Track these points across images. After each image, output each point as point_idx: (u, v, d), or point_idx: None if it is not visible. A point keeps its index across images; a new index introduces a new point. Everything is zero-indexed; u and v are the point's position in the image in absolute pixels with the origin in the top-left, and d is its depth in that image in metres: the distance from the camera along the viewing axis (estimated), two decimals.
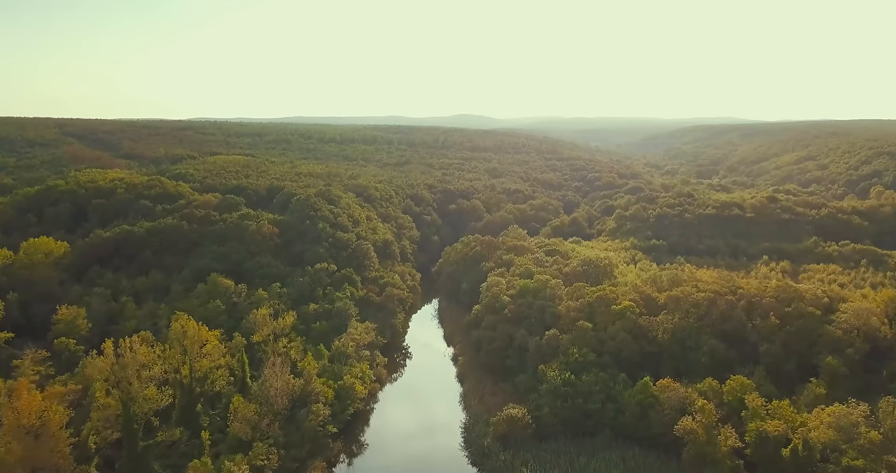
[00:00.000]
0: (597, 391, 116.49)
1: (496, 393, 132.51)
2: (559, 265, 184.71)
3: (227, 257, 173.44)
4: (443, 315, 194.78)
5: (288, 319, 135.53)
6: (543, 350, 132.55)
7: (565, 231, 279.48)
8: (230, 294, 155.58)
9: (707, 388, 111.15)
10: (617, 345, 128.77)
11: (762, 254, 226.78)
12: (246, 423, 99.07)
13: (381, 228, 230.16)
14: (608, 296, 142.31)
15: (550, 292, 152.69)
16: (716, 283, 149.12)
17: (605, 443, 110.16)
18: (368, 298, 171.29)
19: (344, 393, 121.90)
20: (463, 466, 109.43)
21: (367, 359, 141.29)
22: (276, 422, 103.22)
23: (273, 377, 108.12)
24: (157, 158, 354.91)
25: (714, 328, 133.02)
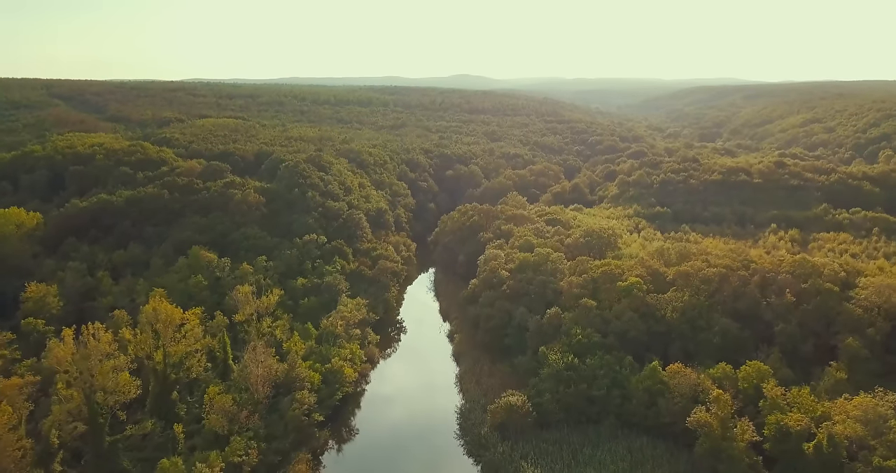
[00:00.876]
0: (601, 375, 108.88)
1: (494, 375, 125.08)
2: (561, 236, 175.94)
3: (210, 228, 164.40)
4: (439, 288, 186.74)
5: (272, 297, 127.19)
6: (544, 329, 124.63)
7: (566, 197, 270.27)
8: (213, 268, 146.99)
9: (721, 374, 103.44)
10: (623, 325, 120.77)
11: (770, 222, 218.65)
12: (223, 415, 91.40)
13: (374, 196, 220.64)
14: (613, 272, 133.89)
15: (552, 266, 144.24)
16: (727, 257, 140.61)
17: (610, 432, 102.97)
18: (360, 272, 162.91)
19: (332, 377, 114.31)
20: (458, 457, 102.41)
21: (357, 339, 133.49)
22: (256, 413, 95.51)
23: (253, 363, 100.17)
24: (143, 121, 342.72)
25: (726, 306, 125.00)
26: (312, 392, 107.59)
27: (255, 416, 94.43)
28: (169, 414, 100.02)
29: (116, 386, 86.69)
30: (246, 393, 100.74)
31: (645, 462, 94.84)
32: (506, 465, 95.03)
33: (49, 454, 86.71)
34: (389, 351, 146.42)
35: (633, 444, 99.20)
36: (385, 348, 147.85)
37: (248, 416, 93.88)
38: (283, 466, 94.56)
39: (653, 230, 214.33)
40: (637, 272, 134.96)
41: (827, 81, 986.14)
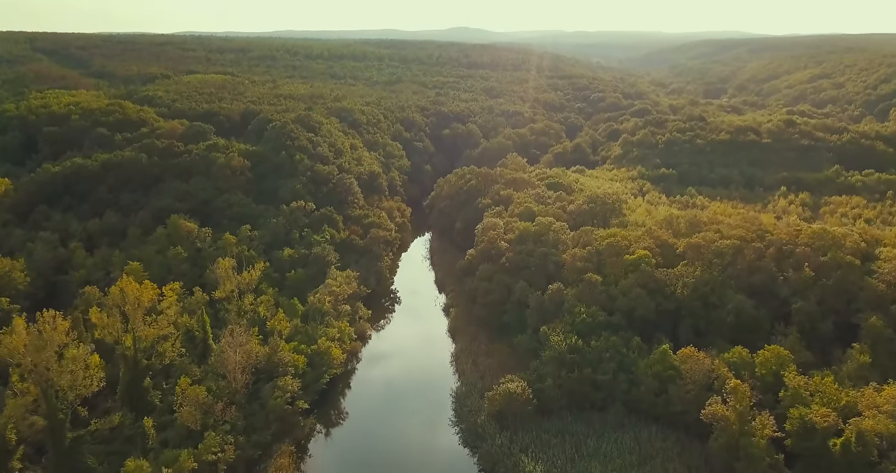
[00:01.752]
0: (607, 359, 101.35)
1: (491, 354, 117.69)
2: (563, 202, 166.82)
3: (191, 195, 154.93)
4: (434, 256, 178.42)
5: (254, 273, 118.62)
6: (546, 306, 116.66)
7: (568, 158, 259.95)
8: (193, 239, 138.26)
9: (737, 358, 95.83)
10: (630, 302, 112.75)
11: (779, 185, 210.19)
12: (196, 408, 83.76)
13: (366, 158, 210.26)
14: (619, 244, 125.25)
15: (553, 237, 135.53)
16: (741, 228, 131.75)
17: (616, 420, 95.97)
18: (351, 241, 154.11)
19: (318, 359, 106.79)
20: (453, 446, 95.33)
21: (347, 316, 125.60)
22: (233, 405, 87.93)
23: (231, 348, 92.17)
24: (128, 77, 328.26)
25: (740, 281, 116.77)
26: (297, 377, 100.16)
27: (232, 408, 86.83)
28: (141, 403, 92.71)
29: (75, 380, 78.63)
30: (223, 380, 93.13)
31: (654, 455, 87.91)
32: (504, 459, 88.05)
33: (7, 451, 79.43)
34: (382, 325, 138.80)
35: (641, 434, 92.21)
36: (377, 321, 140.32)
37: (224, 408, 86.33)
38: (264, 460, 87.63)
39: (658, 193, 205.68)
40: (645, 244, 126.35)
41: (835, 34, 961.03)
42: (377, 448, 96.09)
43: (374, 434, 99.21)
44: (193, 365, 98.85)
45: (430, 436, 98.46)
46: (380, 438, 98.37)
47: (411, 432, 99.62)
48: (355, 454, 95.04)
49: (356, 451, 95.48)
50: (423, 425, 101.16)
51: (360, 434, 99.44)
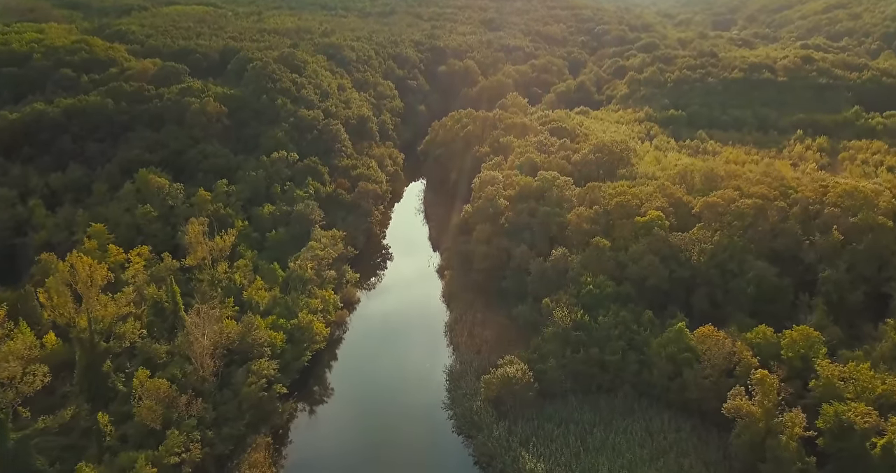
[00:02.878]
0: (616, 336, 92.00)
1: (488, 324, 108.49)
2: (567, 151, 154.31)
3: (162, 145, 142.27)
4: (429, 209, 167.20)
5: (228, 239, 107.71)
6: (548, 274, 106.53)
7: (571, 98, 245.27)
8: (164, 195, 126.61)
9: (760, 339, 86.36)
10: (641, 271, 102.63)
11: (795, 128, 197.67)
12: (158, 403, 74.51)
13: (355, 100, 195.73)
14: (629, 204, 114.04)
15: (557, 194, 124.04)
16: (762, 184, 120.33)
17: (625, 405, 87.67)
18: (337, 196, 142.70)
19: (299, 334, 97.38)
20: (446, 434, 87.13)
21: (332, 282, 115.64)
22: (199, 398, 78.69)
23: (197, 329, 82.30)
24: (103, 9, 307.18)
25: (761, 246, 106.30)
26: (275, 357, 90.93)
27: (199, 401, 77.60)
28: (101, 390, 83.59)
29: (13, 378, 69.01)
30: (191, 364, 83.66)
31: (668, 449, 79.73)
32: (502, 453, 79.73)
33: None
34: (371, 290, 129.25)
35: (653, 424, 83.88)
36: (366, 285, 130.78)
37: (189, 401, 77.10)
38: (237, 455, 79.17)
39: (666, 137, 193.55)
40: (657, 203, 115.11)
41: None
42: (363, 436, 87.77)
43: (361, 419, 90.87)
44: (159, 346, 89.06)
45: (421, 422, 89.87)
46: (366, 423, 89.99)
47: (400, 416, 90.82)
48: (339, 442, 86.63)
49: (340, 438, 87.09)
50: (413, 408, 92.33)
51: (345, 419, 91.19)
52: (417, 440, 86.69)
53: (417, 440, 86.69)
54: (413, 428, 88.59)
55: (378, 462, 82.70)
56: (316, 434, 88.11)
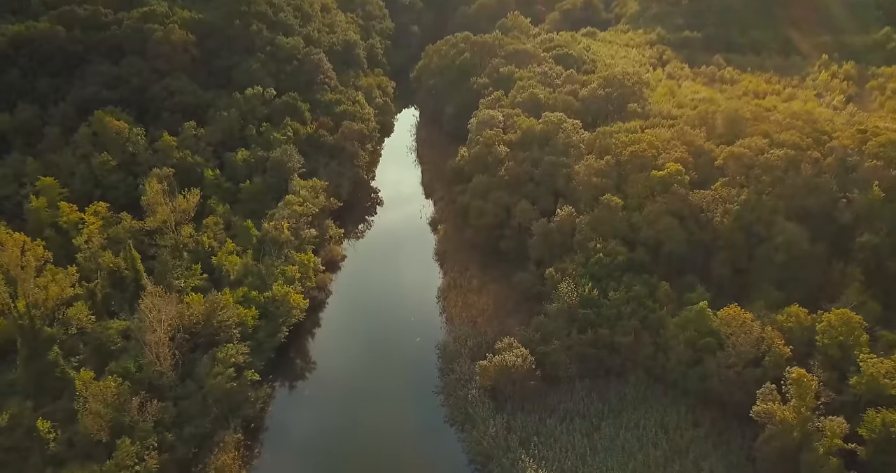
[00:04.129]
0: (628, 314, 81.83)
1: (484, 291, 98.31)
2: (574, 84, 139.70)
3: (123, 80, 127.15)
4: (421, 148, 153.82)
5: (192, 199, 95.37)
6: (553, 237, 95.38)
7: (576, 16, 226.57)
8: (124, 141, 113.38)
9: (793, 323, 76.17)
10: (657, 235, 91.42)
11: (820, 52, 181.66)
12: (106, 410, 64.90)
13: (341, 22, 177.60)
14: (645, 154, 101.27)
15: (564, 139, 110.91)
16: (793, 129, 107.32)
17: (637, 393, 78.68)
18: (319, 138, 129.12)
19: (274, 308, 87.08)
20: (437, 424, 78.18)
21: (312, 241, 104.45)
22: (155, 400, 69.03)
23: (151, 315, 71.76)
24: None
25: (792, 204, 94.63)
26: (245, 339, 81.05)
27: (155, 403, 68.01)
28: (47, 382, 74.04)
29: None
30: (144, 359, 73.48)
31: (684, 449, 71.00)
32: (500, 455, 71.00)
33: None
34: (357, 244, 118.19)
35: (668, 417, 74.93)
36: (352, 236, 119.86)
37: (143, 404, 67.51)
38: (201, 459, 70.35)
39: (680, 63, 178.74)
40: (676, 154, 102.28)
41: None
42: (346, 425, 78.85)
43: (343, 404, 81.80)
44: (113, 327, 78.76)
45: (411, 410, 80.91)
46: (349, 409, 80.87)
47: (387, 402, 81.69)
48: (319, 430, 77.93)
49: (320, 427, 78.31)
50: (402, 394, 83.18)
51: (327, 403, 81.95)
52: (406, 432, 77.84)
53: (406, 432, 77.84)
54: (402, 418, 79.55)
55: (363, 455, 74.28)
56: (294, 424, 79.14)
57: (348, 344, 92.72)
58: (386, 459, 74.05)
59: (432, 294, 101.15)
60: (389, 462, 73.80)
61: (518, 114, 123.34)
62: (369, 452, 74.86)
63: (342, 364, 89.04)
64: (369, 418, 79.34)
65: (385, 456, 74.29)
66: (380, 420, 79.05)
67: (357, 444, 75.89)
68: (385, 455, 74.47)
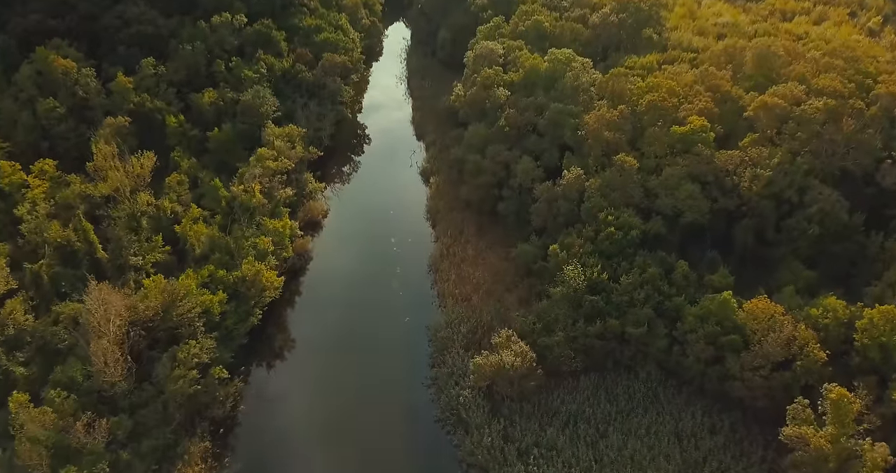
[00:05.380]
0: (641, 300, 72.71)
1: (480, 262, 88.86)
2: (583, 8, 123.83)
3: (70, 6, 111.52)
4: (413, 80, 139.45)
5: (146, 163, 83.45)
6: (558, 205, 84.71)
7: None
8: (73, 82, 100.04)
9: (830, 319, 67.11)
10: (675, 203, 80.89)
11: None
12: (47, 434, 56.73)
13: None
14: (665, 106, 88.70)
15: (572, 81, 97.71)
16: (832, 69, 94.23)
17: (648, 391, 70.93)
18: (297, 74, 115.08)
19: (245, 288, 77.69)
20: (428, 425, 70.75)
21: (288, 203, 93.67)
22: (105, 417, 60.80)
23: (97, 317, 62.44)
24: None
25: (829, 165, 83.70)
26: (212, 328, 72.26)
27: (104, 423, 59.80)
28: None
29: None
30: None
31: (701, 461, 63.89)
32: (496, 469, 63.91)
33: None
34: (340, 196, 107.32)
35: (683, 422, 67.35)
36: (334, 185, 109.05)
37: (91, 423, 59.32)
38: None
39: None
40: (700, 104, 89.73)
41: None
42: (326, 423, 71.44)
43: (322, 399, 74.04)
44: (61, 321, 69.56)
45: (397, 405, 72.98)
46: (329, 406, 73.19)
47: (372, 394, 73.81)
48: (295, 432, 70.47)
49: (297, 428, 70.81)
50: (388, 383, 75.06)
51: (303, 400, 74.07)
52: (394, 433, 70.07)
53: (394, 433, 70.07)
54: (389, 415, 71.67)
55: (346, 461, 67.36)
56: (269, 424, 71.35)
57: (330, 320, 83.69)
58: (372, 467, 67.09)
59: (423, 261, 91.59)
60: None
61: (520, 47, 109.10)
62: (352, 458, 67.78)
63: (324, 343, 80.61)
64: (352, 415, 71.74)
65: (371, 464, 67.27)
66: (365, 417, 71.38)
67: (339, 447, 68.76)
68: (371, 461, 67.41)
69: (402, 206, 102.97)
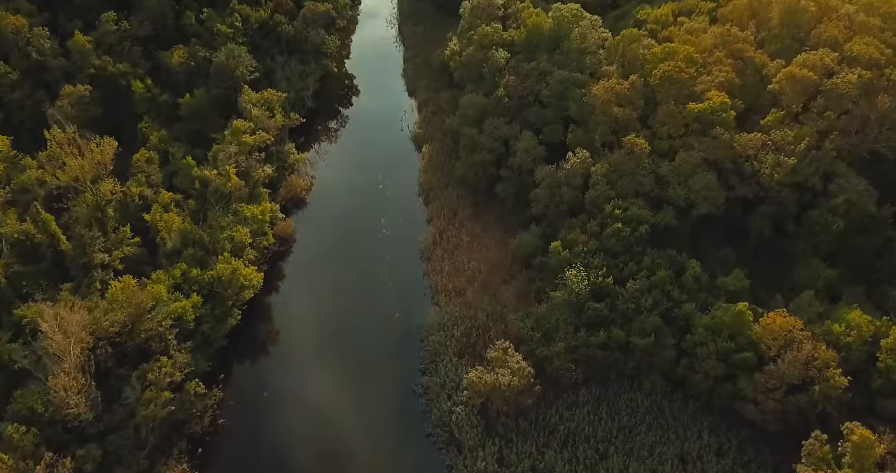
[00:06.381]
0: (648, 307, 67.35)
1: (476, 248, 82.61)
2: None
3: None
4: (404, 26, 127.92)
5: (107, 148, 75.37)
6: (561, 192, 77.66)
7: None
8: (24, 43, 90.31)
9: (853, 338, 61.79)
10: (689, 194, 74.10)
11: None
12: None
13: None
14: (681, 77, 79.89)
15: (579, 43, 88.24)
16: (868, 31, 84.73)
17: (652, 404, 66.49)
18: (276, 26, 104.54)
19: (221, 288, 72.04)
20: (418, 439, 66.86)
21: (266, 182, 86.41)
22: (68, 453, 56.44)
23: (55, 343, 57.06)
24: None
25: (858, 147, 76.47)
26: (187, 336, 67.16)
27: (68, 460, 55.53)
28: None
29: None
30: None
31: None
32: None
33: None
34: (326, 162, 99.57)
35: (688, 445, 63.22)
36: (319, 149, 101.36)
37: (53, 463, 55.03)
38: None
39: None
40: (720, 74, 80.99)
41: None
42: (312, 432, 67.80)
43: (307, 405, 69.89)
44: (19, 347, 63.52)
45: (384, 415, 68.93)
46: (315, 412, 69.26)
47: (359, 400, 69.75)
48: (279, 445, 67.00)
49: (281, 440, 67.27)
50: (375, 389, 70.87)
51: (287, 407, 69.84)
52: (384, 449, 66.58)
53: (384, 449, 66.58)
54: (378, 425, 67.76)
55: None
56: (251, 435, 67.67)
57: (316, 313, 78.69)
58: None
59: (415, 246, 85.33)
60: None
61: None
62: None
63: (309, 340, 75.84)
64: (340, 426, 67.94)
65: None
66: (353, 428, 67.66)
67: (327, 463, 65.22)
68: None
69: (392, 178, 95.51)
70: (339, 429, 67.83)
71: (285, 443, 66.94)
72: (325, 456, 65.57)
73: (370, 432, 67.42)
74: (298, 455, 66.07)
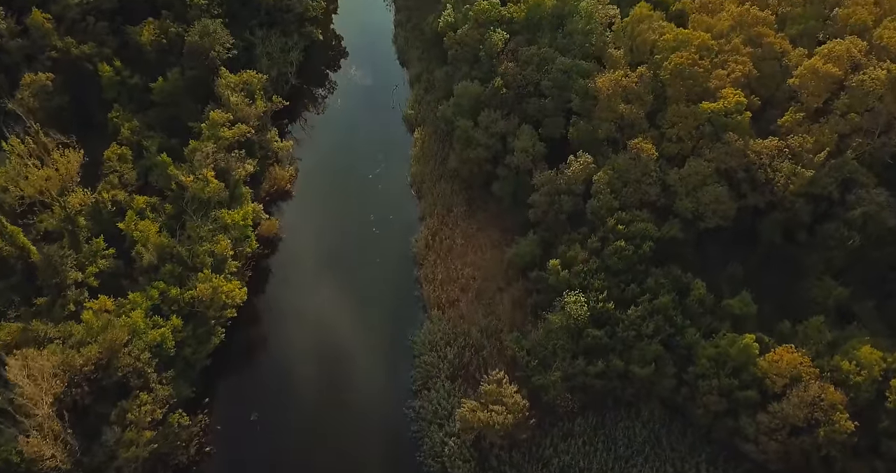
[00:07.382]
0: (649, 333, 64.31)
1: (471, 252, 78.52)
2: None
3: None
4: None
5: (73, 158, 69.54)
6: (560, 200, 72.74)
7: None
8: None
9: (863, 377, 58.98)
10: (696, 205, 69.46)
11: None
12: None
13: None
14: (694, 70, 73.27)
15: (584, 24, 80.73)
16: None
17: (649, 436, 64.56)
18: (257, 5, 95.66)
19: (203, 308, 68.66)
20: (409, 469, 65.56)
21: (248, 179, 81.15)
22: None
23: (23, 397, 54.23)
24: None
25: (880, 151, 71.32)
26: (167, 367, 64.42)
27: None
28: None
29: None
30: None
31: None
32: None
33: None
34: (311, 150, 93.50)
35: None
36: (304, 132, 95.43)
37: None
38: None
39: None
40: (737, 68, 74.31)
41: None
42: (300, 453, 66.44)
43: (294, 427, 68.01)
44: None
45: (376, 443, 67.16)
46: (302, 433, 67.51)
47: (349, 425, 67.85)
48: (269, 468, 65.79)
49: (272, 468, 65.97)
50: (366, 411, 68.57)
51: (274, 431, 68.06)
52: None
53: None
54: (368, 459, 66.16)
55: None
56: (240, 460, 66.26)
57: (302, 324, 75.48)
58: None
59: (406, 246, 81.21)
60: None
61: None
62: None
63: (295, 355, 73.14)
64: (329, 450, 66.31)
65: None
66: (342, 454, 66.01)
67: None
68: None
69: (384, 165, 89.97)
70: (328, 452, 66.17)
71: (277, 467, 65.53)
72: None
73: (359, 459, 65.83)
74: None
